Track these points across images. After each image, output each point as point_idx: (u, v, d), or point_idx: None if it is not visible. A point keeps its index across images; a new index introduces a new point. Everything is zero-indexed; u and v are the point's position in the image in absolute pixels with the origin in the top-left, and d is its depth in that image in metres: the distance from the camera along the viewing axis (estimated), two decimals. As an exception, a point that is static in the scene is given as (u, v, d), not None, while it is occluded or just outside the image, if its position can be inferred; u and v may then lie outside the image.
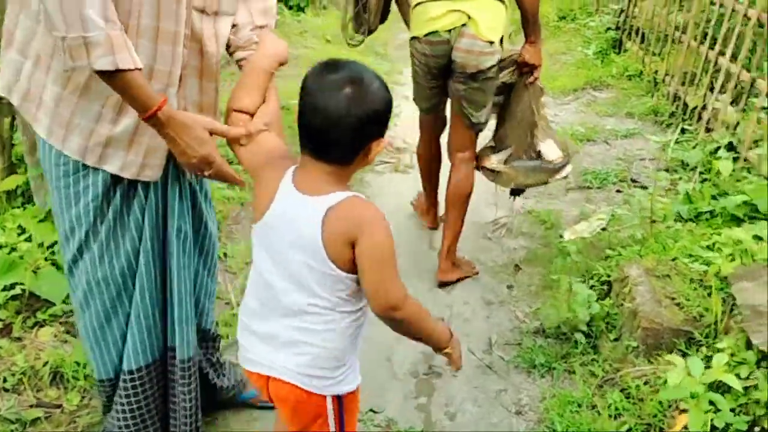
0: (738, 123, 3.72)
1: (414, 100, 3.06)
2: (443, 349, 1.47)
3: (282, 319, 1.39)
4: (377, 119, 1.31)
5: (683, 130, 4.27)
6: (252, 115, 1.54)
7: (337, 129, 1.28)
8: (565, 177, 3.07)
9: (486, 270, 3.13)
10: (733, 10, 4.00)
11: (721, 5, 4.18)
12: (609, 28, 6.31)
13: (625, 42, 6.09)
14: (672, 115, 4.67)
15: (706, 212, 2.98)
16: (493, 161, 2.98)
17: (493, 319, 2.80)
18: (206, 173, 1.58)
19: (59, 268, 2.47)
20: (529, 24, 2.77)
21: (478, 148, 3.04)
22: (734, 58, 3.93)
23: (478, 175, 3.07)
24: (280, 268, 1.37)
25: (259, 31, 1.69)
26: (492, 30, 2.60)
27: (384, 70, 6.11)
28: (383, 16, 3.01)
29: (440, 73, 2.78)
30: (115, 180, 1.59)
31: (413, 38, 2.74)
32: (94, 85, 1.45)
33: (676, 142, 4.10)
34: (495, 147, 3.03)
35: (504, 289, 3.00)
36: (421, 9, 2.67)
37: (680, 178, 3.59)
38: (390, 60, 6.55)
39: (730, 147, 3.67)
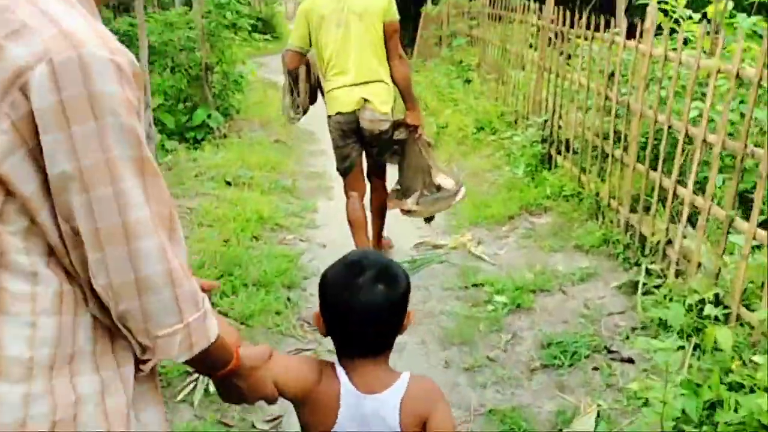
0: (719, 270, 3.12)
1: (338, 169, 4.07)
2: None
3: None
4: (407, 296, 1.42)
5: (648, 271, 3.66)
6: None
7: (384, 324, 1.40)
8: (462, 198, 4.10)
9: None
10: (688, 136, 3.48)
11: (671, 128, 3.67)
12: (535, 142, 5.83)
13: (554, 157, 5.59)
14: (627, 247, 4.08)
15: (726, 422, 2.27)
16: (409, 204, 4.03)
17: None
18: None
19: None
20: (405, 96, 3.94)
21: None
22: (701, 190, 3.38)
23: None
24: None
25: None
26: (384, 104, 3.77)
27: (295, 210, 5.37)
28: (312, 99, 4.14)
29: (351, 134, 3.85)
30: None
31: (329, 116, 3.85)
32: None
33: (645, 293, 3.46)
34: (400, 191, 4.10)
35: None
36: (332, 95, 3.81)
37: (669, 349, 2.90)
38: (300, 196, 5.82)
39: (717, 301, 3.04)
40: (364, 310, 1.34)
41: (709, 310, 2.99)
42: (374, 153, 4.00)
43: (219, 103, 7.99)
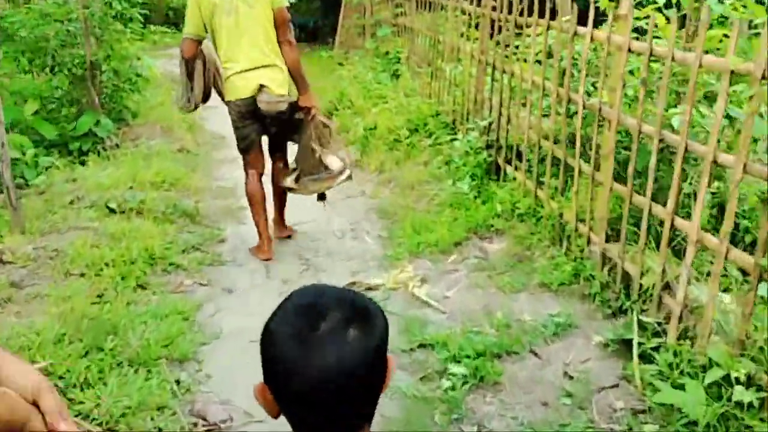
0: (747, 334, 2.36)
1: (238, 147, 4.19)
2: None
3: None
4: (386, 337, 0.97)
5: (640, 324, 2.89)
6: None
7: (365, 387, 0.95)
8: (347, 178, 4.24)
9: None
10: (688, 152, 2.71)
11: (662, 141, 2.90)
12: (479, 148, 5.02)
13: (503, 167, 4.80)
14: (606, 286, 3.32)
15: None
16: (288, 181, 4.19)
17: None
18: None
19: None
20: (297, 80, 4.04)
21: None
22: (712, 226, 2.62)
23: None
24: None
25: None
26: (280, 87, 3.95)
27: (196, 242, 4.39)
28: (206, 98, 4.24)
29: (250, 116, 4.00)
30: None
31: (228, 101, 4.04)
32: None
33: (642, 356, 2.69)
34: (291, 168, 4.23)
35: None
36: (230, 81, 3.95)
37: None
38: (205, 221, 4.84)
39: (749, 381, 2.29)
40: (334, 371, 0.90)
41: (739, 394, 2.23)
42: (274, 133, 4.19)
43: (111, 106, 6.85)
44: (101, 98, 6.66)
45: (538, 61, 4.27)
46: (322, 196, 4.44)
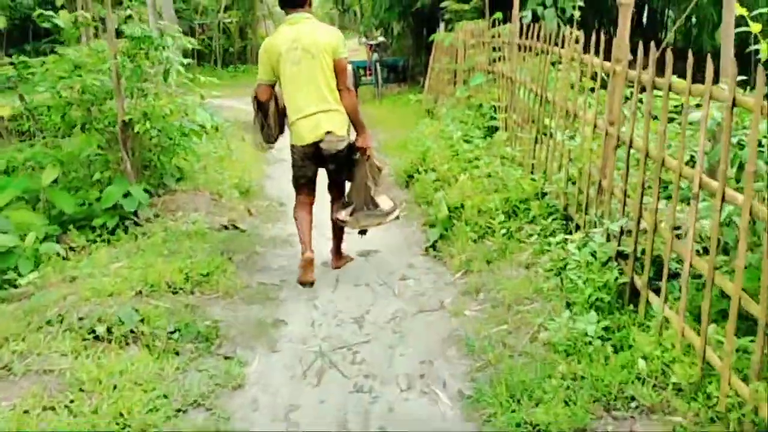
0: None
1: (293, 182, 4.56)
2: None
3: None
4: None
5: None
6: None
7: None
8: (396, 218, 4.63)
9: None
10: None
11: None
12: (608, 263, 3.54)
13: (644, 293, 3.29)
14: None
15: None
16: (342, 215, 4.48)
17: None
18: None
19: None
20: (354, 123, 4.39)
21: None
22: None
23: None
24: None
25: None
26: (341, 128, 4.27)
27: (203, 391, 3.14)
28: (281, 129, 4.59)
29: (309, 158, 4.34)
30: None
31: (293, 144, 4.36)
32: None
33: None
34: (346, 203, 4.52)
35: None
36: (296, 127, 4.28)
37: None
38: (225, 347, 3.59)
39: None
40: None
41: None
42: (332, 169, 4.46)
43: (151, 172, 5.82)
44: (139, 162, 5.63)
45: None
46: (363, 232, 4.72)
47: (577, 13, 6.08)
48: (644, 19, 13.62)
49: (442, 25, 11.16)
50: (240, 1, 21.53)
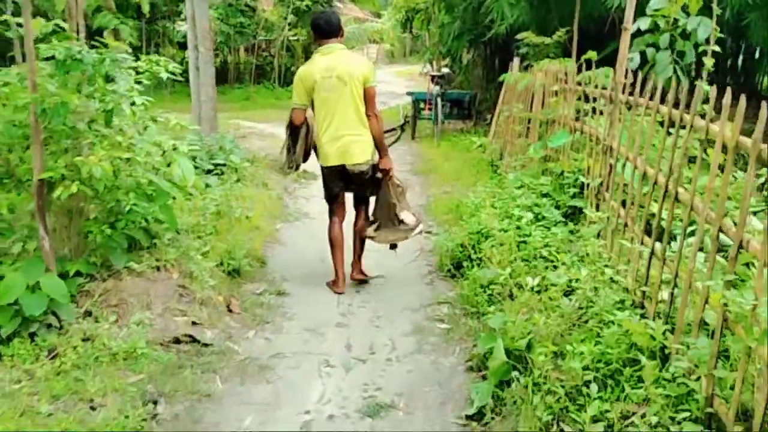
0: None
1: (326, 198, 4.93)
2: None
3: None
4: None
5: None
6: None
7: None
8: (420, 232, 4.96)
9: None
10: None
11: None
12: None
13: None
14: None
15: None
16: (370, 231, 4.85)
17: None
18: None
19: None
20: (379, 147, 4.73)
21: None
22: None
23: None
24: None
25: None
26: (364, 152, 4.65)
27: None
28: (306, 157, 4.90)
29: (337, 177, 4.74)
30: None
31: (322, 166, 4.75)
32: None
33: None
34: (371, 220, 4.91)
35: None
36: (325, 149, 4.64)
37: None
38: None
39: None
40: None
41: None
42: (356, 188, 4.88)
43: (91, 247, 4.16)
44: (76, 231, 4.00)
45: None
46: (394, 246, 4.99)
47: (709, 63, 4.25)
48: (739, 62, 11.44)
49: (516, 60, 9.31)
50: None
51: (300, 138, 4.75)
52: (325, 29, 4.60)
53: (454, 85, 13.56)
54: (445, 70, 11.95)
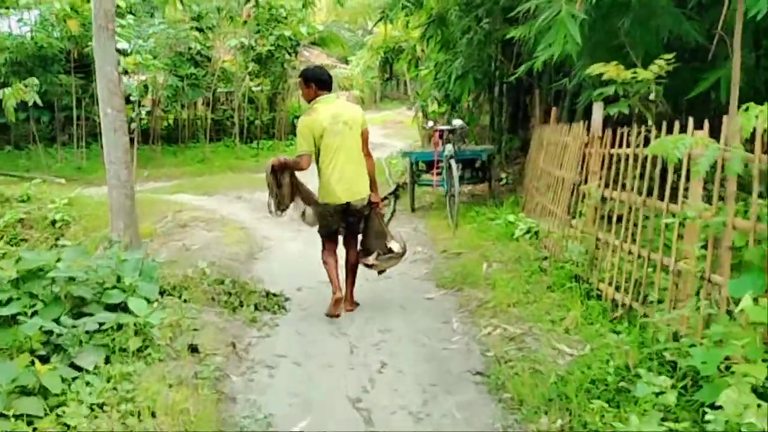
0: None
1: (319, 232, 5.15)
2: None
3: None
4: None
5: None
6: None
7: None
8: (405, 258, 5.34)
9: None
10: None
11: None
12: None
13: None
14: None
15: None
16: (370, 260, 5.13)
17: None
18: None
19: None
20: (372, 182, 5.08)
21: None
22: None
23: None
24: None
25: None
26: (365, 189, 5.00)
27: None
28: (291, 200, 5.12)
29: (337, 213, 4.99)
30: None
31: (326, 203, 4.94)
32: None
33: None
34: (364, 250, 5.19)
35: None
36: (332, 188, 4.88)
37: None
38: None
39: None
40: None
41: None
42: (351, 222, 5.12)
43: None
44: None
45: None
46: (381, 271, 5.47)
47: None
48: None
49: (577, 107, 6.48)
50: (271, 65, 17.11)
51: (285, 183, 5.03)
52: (327, 82, 4.99)
53: (467, 142, 10.44)
54: (458, 122, 8.77)
